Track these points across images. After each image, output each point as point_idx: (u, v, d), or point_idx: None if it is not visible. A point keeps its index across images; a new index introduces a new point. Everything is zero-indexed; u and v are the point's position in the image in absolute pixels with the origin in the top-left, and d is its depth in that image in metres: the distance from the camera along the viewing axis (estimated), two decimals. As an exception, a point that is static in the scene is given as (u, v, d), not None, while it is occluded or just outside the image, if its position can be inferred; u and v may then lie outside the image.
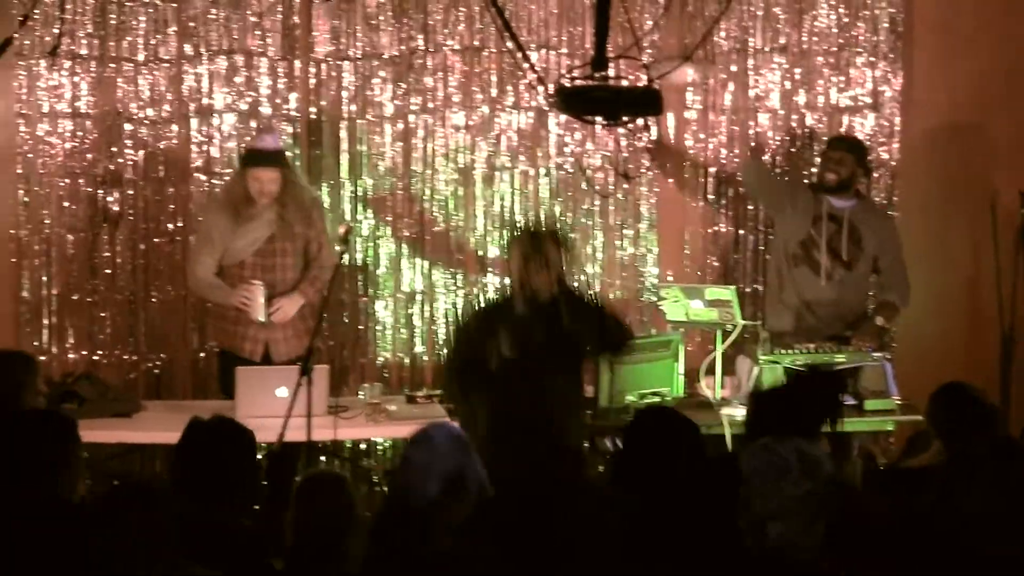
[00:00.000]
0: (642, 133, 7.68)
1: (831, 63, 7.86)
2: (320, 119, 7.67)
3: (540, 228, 6.25)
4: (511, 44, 6.86)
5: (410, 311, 7.81)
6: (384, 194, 7.74)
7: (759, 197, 7.70)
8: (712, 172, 7.88)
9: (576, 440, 6.22)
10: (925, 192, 7.88)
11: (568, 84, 6.14)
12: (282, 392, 6.33)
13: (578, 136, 7.80)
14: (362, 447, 7.66)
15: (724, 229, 7.92)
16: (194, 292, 7.33)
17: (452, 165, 7.75)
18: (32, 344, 7.50)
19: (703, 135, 7.86)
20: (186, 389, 7.62)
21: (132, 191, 7.57)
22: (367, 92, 7.67)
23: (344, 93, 7.65)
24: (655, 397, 6.78)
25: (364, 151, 7.70)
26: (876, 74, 7.88)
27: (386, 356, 7.80)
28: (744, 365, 7.01)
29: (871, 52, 7.87)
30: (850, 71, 7.87)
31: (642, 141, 7.76)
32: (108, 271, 7.59)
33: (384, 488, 7.52)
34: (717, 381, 6.96)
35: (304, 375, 5.93)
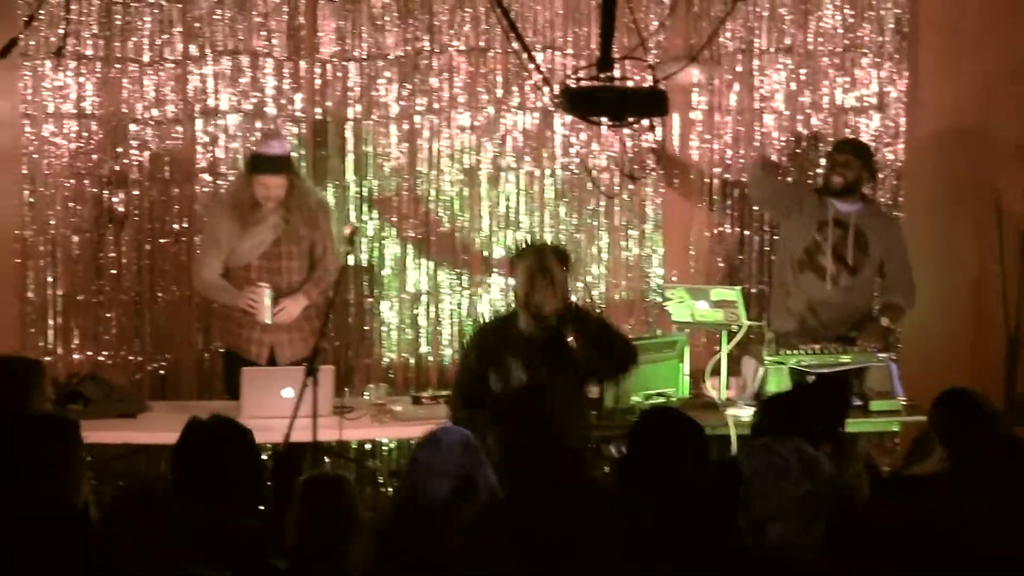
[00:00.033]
0: (647, 134, 7.67)
1: (836, 64, 7.85)
2: (325, 120, 7.67)
3: (544, 246, 6.27)
4: (517, 45, 6.84)
5: (415, 312, 7.81)
6: (389, 195, 7.75)
7: (766, 207, 7.70)
8: (717, 173, 7.88)
9: (580, 440, 6.20)
10: (931, 193, 7.87)
11: (574, 85, 6.12)
12: (287, 393, 6.33)
13: (584, 137, 7.79)
14: (367, 448, 7.66)
15: (729, 230, 7.91)
16: (200, 294, 7.33)
17: (457, 166, 7.75)
18: (37, 345, 7.51)
19: (708, 136, 7.86)
20: (191, 390, 7.62)
21: (137, 192, 7.58)
22: (372, 93, 7.67)
23: (350, 94, 7.66)
24: (660, 398, 6.77)
25: (369, 152, 7.70)
26: (882, 75, 7.87)
27: (391, 357, 7.80)
28: (749, 366, 7.00)
29: (876, 53, 7.85)
30: (855, 72, 7.86)
31: (647, 142, 7.76)
32: (113, 272, 7.59)
33: (389, 489, 7.52)
34: (722, 382, 6.95)
35: (309, 375, 5.94)
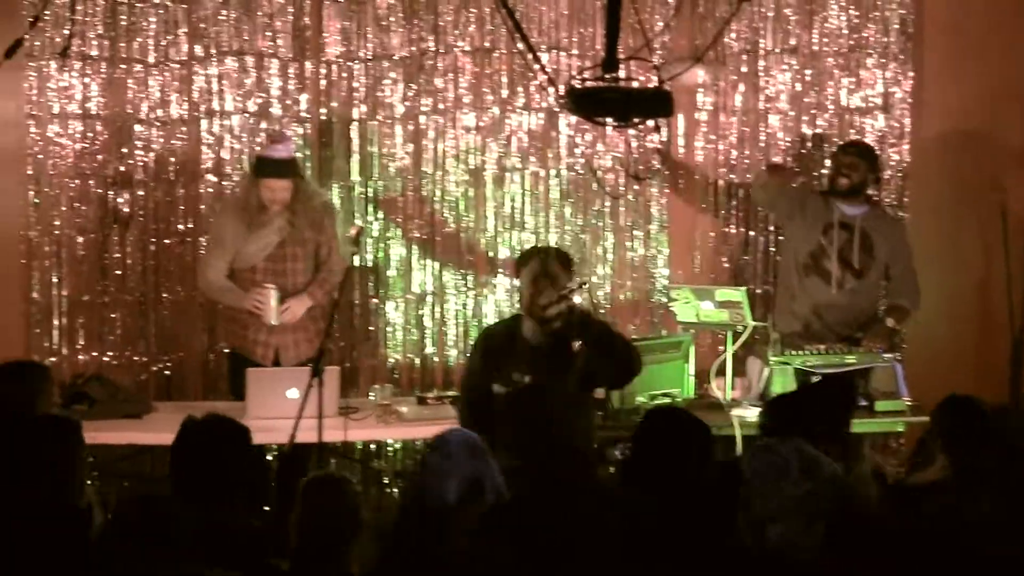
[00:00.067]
0: (652, 134, 7.67)
1: (841, 64, 7.86)
2: (331, 120, 7.67)
3: (548, 249, 6.27)
4: (522, 45, 6.82)
5: (421, 312, 7.81)
6: (395, 195, 7.74)
7: (771, 211, 7.70)
8: (723, 173, 7.87)
9: (582, 440, 6.20)
10: (936, 194, 7.86)
11: (579, 85, 6.11)
12: (293, 393, 6.33)
13: (589, 137, 7.80)
14: (372, 448, 7.66)
15: (734, 230, 7.91)
16: (205, 295, 7.32)
17: (463, 166, 7.75)
18: (42, 345, 7.51)
19: (714, 136, 7.86)
20: (196, 390, 7.62)
21: (142, 192, 7.58)
22: (378, 93, 7.67)
23: (355, 94, 7.65)
24: (665, 398, 6.78)
25: (375, 152, 7.70)
26: (887, 76, 7.87)
27: (396, 357, 7.80)
28: (755, 366, 6.99)
29: (882, 54, 7.86)
30: (860, 73, 7.86)
31: (653, 142, 7.76)
32: (118, 272, 7.59)
33: (394, 490, 7.53)
34: (728, 382, 6.94)
35: (315, 376, 5.94)
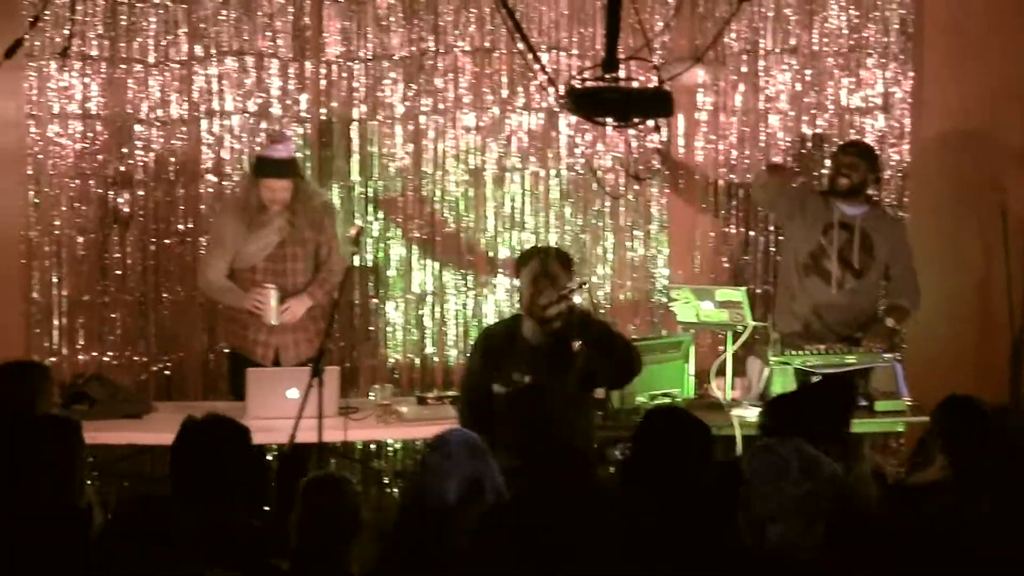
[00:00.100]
0: (653, 134, 7.67)
1: (841, 64, 7.85)
2: (331, 120, 7.67)
3: (548, 249, 6.27)
4: (522, 45, 6.82)
5: (420, 312, 7.81)
6: (395, 195, 7.74)
7: (770, 211, 7.70)
8: (723, 173, 7.87)
9: (582, 440, 6.20)
10: (936, 194, 7.86)
11: (579, 85, 6.11)
12: (293, 393, 6.33)
13: (589, 137, 7.80)
14: (372, 448, 7.66)
15: (735, 230, 7.91)
16: (205, 295, 7.32)
17: (463, 166, 7.75)
18: (42, 345, 7.51)
19: (714, 136, 7.86)
20: (197, 390, 7.62)
21: (142, 192, 7.57)
22: (378, 93, 7.67)
23: (355, 94, 7.65)
24: (665, 398, 6.78)
25: (375, 152, 7.70)
26: (887, 76, 7.87)
27: (396, 357, 7.80)
28: (755, 366, 6.99)
29: (882, 54, 7.86)
30: (861, 72, 7.86)
31: (653, 142, 7.75)
32: (118, 272, 7.59)
33: (394, 490, 7.53)
34: (728, 382, 6.94)
35: (315, 376, 5.93)
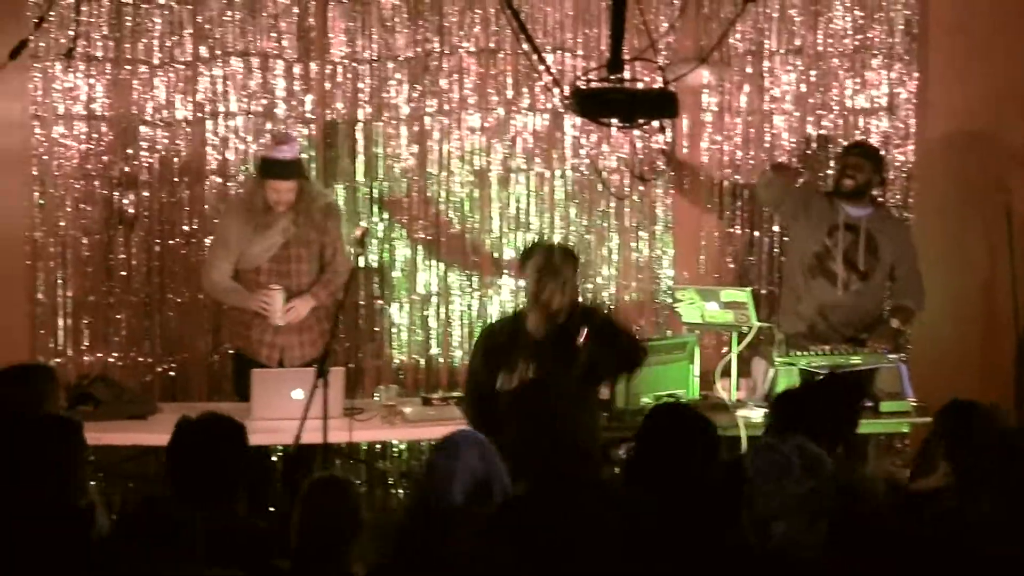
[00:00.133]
0: (657, 135, 7.67)
1: (846, 65, 7.85)
2: (336, 121, 7.67)
3: (553, 244, 6.27)
4: (527, 46, 6.83)
5: (425, 313, 7.81)
6: (400, 196, 7.74)
7: (775, 211, 7.69)
8: (727, 174, 7.87)
9: (586, 437, 6.19)
10: (941, 195, 7.86)
11: (584, 86, 6.12)
12: (298, 394, 6.33)
13: (594, 138, 7.80)
14: (378, 449, 7.66)
15: (739, 231, 7.91)
16: (210, 295, 7.32)
17: (468, 167, 7.75)
18: (47, 346, 7.51)
19: (718, 137, 7.86)
20: (201, 391, 7.61)
21: (147, 193, 7.57)
22: (383, 94, 7.67)
23: (360, 95, 7.65)
24: (671, 399, 6.77)
25: (379, 153, 7.70)
26: (891, 76, 7.86)
27: (401, 358, 7.80)
28: (760, 367, 7.00)
29: (886, 54, 7.85)
30: (865, 73, 7.86)
31: (658, 143, 7.75)
32: (123, 273, 7.59)
33: (399, 490, 7.53)
34: (733, 383, 6.94)
35: (320, 377, 5.93)
